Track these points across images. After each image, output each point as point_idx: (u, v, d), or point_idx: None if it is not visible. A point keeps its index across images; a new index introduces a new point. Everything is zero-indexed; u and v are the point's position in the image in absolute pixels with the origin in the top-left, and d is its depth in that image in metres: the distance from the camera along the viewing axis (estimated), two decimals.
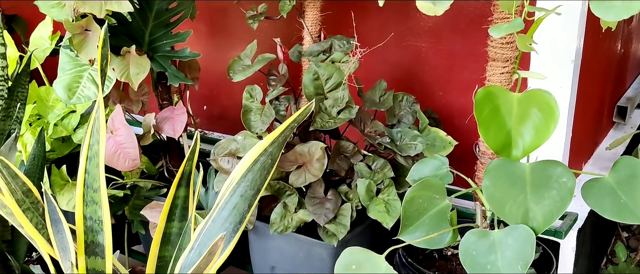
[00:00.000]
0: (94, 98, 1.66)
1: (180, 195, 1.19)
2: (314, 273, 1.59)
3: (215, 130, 2.52)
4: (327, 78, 1.52)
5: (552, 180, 1.20)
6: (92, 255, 1.05)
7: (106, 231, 1.03)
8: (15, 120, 1.43)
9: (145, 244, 1.99)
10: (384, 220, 1.44)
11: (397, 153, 1.52)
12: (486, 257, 1.21)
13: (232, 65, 1.58)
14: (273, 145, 1.09)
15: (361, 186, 1.46)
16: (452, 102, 1.95)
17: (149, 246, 1.22)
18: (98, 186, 1.02)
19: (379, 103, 1.63)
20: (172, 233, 1.20)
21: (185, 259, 1.10)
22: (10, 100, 1.40)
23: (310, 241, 1.56)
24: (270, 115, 1.44)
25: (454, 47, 1.93)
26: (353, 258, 1.25)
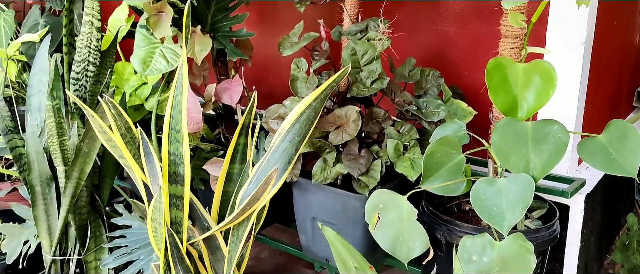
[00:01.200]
0: (164, 70, 1.95)
1: (241, 142, 1.47)
2: (350, 222, 1.85)
3: (263, 107, 2.80)
4: (363, 54, 1.77)
5: (550, 135, 1.42)
6: (174, 183, 1.34)
7: (185, 164, 1.32)
8: (104, 85, 1.73)
9: (202, 201, 2.28)
10: (409, 173, 1.69)
11: (423, 119, 1.76)
12: (493, 200, 1.45)
13: (282, 42, 1.85)
14: (316, 101, 1.36)
15: (390, 145, 1.71)
16: (476, 81, 2.18)
17: (206, 201, 1.50)
18: (180, 128, 1.31)
19: (408, 76, 1.87)
20: (234, 173, 1.48)
21: (245, 190, 1.38)
22: (100, 68, 1.70)
23: (346, 194, 1.82)
24: (314, 83, 1.71)
25: (479, 30, 2.16)
26: (380, 198, 1.51)
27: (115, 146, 1.29)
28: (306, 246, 2.04)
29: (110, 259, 1.64)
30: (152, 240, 1.33)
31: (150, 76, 2.20)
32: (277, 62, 2.70)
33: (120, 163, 1.88)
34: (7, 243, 1.90)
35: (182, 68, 1.28)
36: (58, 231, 1.68)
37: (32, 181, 1.66)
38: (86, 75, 1.67)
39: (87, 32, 1.60)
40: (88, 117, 1.28)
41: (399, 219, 1.49)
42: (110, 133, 1.27)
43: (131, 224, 1.73)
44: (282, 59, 2.68)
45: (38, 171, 1.65)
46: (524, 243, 1.40)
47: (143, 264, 1.62)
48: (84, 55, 1.63)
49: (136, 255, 1.64)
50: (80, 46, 1.62)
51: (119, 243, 1.69)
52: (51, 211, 1.70)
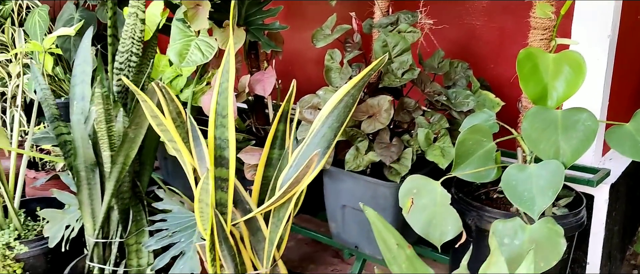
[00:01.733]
0: (200, 62, 2.02)
1: (280, 129, 1.53)
2: (380, 208, 1.90)
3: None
4: (394, 46, 1.83)
5: (579, 123, 1.47)
6: (219, 166, 1.41)
7: (231, 148, 1.38)
8: (146, 76, 1.80)
9: None
10: (440, 161, 1.75)
11: (452, 109, 1.82)
12: (523, 185, 1.50)
13: (315, 34, 1.92)
14: (354, 88, 1.42)
15: (421, 134, 1.77)
16: (502, 73, 2.23)
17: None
18: (226, 114, 1.37)
19: (437, 68, 1.93)
20: (273, 158, 1.54)
21: (285, 174, 1.44)
22: (142, 58, 1.77)
23: (376, 182, 1.88)
24: (348, 73, 1.77)
25: (505, 24, 2.21)
26: (414, 184, 1.57)
27: (166, 130, 1.36)
28: (336, 233, 2.10)
29: (153, 242, 1.71)
30: (198, 221, 1.40)
31: (185, 68, 2.27)
32: (302, 56, 2.77)
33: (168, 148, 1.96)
34: (49, 227, 1.98)
35: (229, 57, 1.35)
36: (101, 215, 1.75)
37: (78, 166, 1.73)
38: (129, 65, 1.74)
39: (132, 23, 1.67)
40: (141, 102, 1.35)
41: (432, 203, 1.54)
42: (162, 118, 1.34)
43: (171, 208, 1.80)
44: (307, 53, 2.75)
45: (83, 157, 1.73)
46: (554, 227, 1.45)
47: (184, 246, 1.69)
48: (127, 46, 1.70)
49: (177, 237, 1.71)
50: (125, 37, 1.70)
51: (160, 227, 1.76)
52: (95, 195, 1.77)
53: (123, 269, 1.82)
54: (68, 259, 2.23)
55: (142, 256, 1.83)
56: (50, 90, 1.83)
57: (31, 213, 2.28)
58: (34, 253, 2.08)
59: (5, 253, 2.03)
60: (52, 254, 2.14)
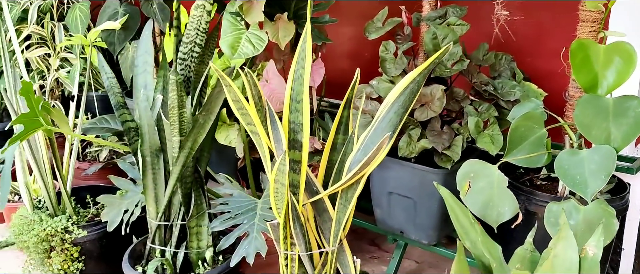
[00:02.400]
0: (251, 54, 2.10)
1: (344, 115, 1.61)
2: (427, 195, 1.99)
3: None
4: (443, 38, 1.91)
5: (630, 110, 1.55)
6: (293, 149, 1.49)
7: (304, 132, 1.46)
8: (208, 66, 1.88)
9: None
10: (490, 148, 1.83)
11: (500, 98, 1.90)
12: (576, 169, 1.58)
13: (367, 26, 2.00)
14: (420, 76, 1.49)
15: (471, 122, 1.85)
16: (539, 67, 2.30)
17: None
18: (301, 99, 1.45)
19: (482, 60, 2.01)
20: (338, 142, 1.62)
21: (353, 157, 1.52)
22: (205, 49, 1.85)
23: (425, 169, 1.96)
24: (403, 63, 1.85)
25: (542, 19, 2.29)
26: (471, 168, 1.65)
27: (246, 114, 1.44)
28: (381, 219, 2.18)
29: (217, 223, 1.79)
30: (272, 200, 1.48)
31: (233, 60, 2.35)
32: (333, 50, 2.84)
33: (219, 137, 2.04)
34: (108, 212, 2.06)
35: (306, 44, 1.43)
36: (165, 198, 1.83)
37: (144, 152, 1.81)
38: (192, 56, 1.82)
39: (198, 15, 1.75)
40: (225, 87, 1.43)
41: (489, 186, 1.62)
42: (244, 102, 1.42)
43: (231, 192, 1.88)
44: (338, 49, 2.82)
45: (149, 143, 1.81)
46: (607, 208, 1.53)
47: (247, 227, 1.77)
48: (191, 37, 1.78)
49: (240, 220, 1.79)
50: (190, 28, 1.77)
51: (222, 209, 1.84)
52: (158, 180, 1.85)
53: (184, 251, 1.90)
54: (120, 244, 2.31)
55: (202, 239, 1.91)
56: (116, 80, 1.90)
57: (79, 201, 2.36)
58: (90, 237, 2.15)
59: (64, 237, 2.11)
60: (106, 238, 2.22)
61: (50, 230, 2.09)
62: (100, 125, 2.51)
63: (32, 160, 2.20)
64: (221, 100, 1.70)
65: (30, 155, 2.20)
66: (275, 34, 2.15)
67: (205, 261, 1.92)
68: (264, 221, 1.78)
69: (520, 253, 1.39)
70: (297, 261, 1.57)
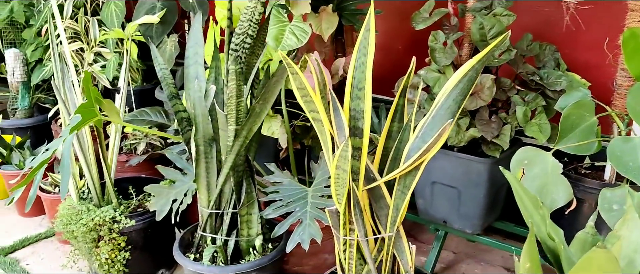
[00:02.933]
0: (295, 46, 2.13)
1: (400, 103, 1.63)
2: (472, 184, 2.01)
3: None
4: (490, 28, 1.93)
5: None
6: (353, 136, 1.51)
7: (366, 119, 1.49)
8: (259, 58, 1.91)
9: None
10: (538, 137, 1.85)
11: (546, 88, 1.92)
12: (629, 156, 1.60)
13: (414, 17, 2.02)
14: (479, 63, 1.51)
15: (519, 111, 1.87)
16: (576, 59, 2.32)
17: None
18: (362, 86, 1.48)
19: (527, 50, 2.03)
20: (393, 131, 1.64)
21: (411, 144, 1.54)
22: (256, 40, 1.88)
23: (470, 158, 1.98)
24: (453, 52, 1.87)
25: (580, 12, 2.30)
26: (525, 155, 1.67)
27: (310, 101, 1.46)
28: (423, 209, 2.21)
29: (270, 210, 1.82)
30: (333, 186, 1.50)
31: (274, 53, 2.38)
32: None
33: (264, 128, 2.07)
34: (156, 201, 2.09)
35: (368, 33, 1.45)
36: (218, 187, 1.86)
37: (198, 141, 1.84)
38: (243, 47, 1.85)
39: (252, 6, 1.77)
40: (291, 75, 1.45)
41: (543, 173, 1.65)
42: (309, 89, 1.44)
43: (282, 181, 1.91)
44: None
45: (202, 132, 1.84)
46: None
47: (299, 215, 1.79)
48: (244, 28, 1.81)
49: (292, 207, 1.82)
50: (242, 20, 1.80)
51: (273, 197, 1.87)
52: (211, 169, 1.88)
53: (234, 239, 1.93)
54: (164, 234, 2.34)
55: (252, 226, 1.94)
56: (169, 71, 1.93)
57: (120, 192, 2.39)
58: (136, 227, 2.19)
59: (112, 227, 2.14)
60: (152, 228, 2.25)
61: (98, 220, 2.12)
62: (140, 117, 2.54)
63: (79, 151, 2.24)
64: (278, 90, 1.73)
65: (77, 146, 2.24)
66: (318, 26, 2.18)
67: (254, 249, 1.94)
68: (316, 208, 1.80)
69: (581, 237, 1.41)
70: (355, 247, 1.59)
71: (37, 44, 3.26)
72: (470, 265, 2.47)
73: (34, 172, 1.72)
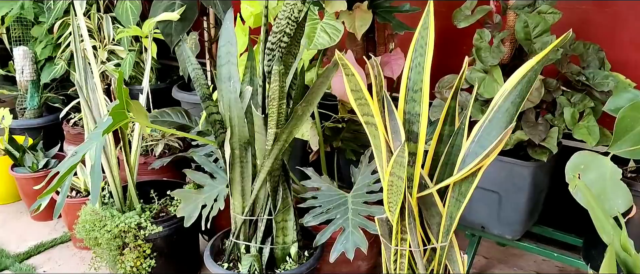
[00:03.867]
0: (327, 45, 2.05)
1: (452, 106, 1.55)
2: (515, 189, 1.93)
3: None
4: (534, 26, 1.85)
5: None
6: (408, 140, 1.43)
7: (422, 123, 1.41)
8: (296, 58, 1.83)
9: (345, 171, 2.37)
10: (588, 139, 1.78)
11: (593, 89, 1.85)
12: None
13: (456, 14, 1.94)
14: (538, 63, 1.44)
15: (567, 113, 1.80)
16: (615, 57, 2.25)
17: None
18: (418, 89, 1.40)
19: (570, 49, 1.95)
20: (445, 134, 1.56)
21: (467, 149, 1.46)
22: (292, 39, 1.79)
23: (513, 162, 1.91)
24: (500, 51, 1.80)
25: (618, 9, 2.23)
26: (582, 159, 1.60)
27: (364, 104, 1.38)
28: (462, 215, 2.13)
29: (310, 218, 1.74)
30: (386, 193, 1.43)
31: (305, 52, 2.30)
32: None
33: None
34: (183, 207, 2.00)
35: (426, 31, 1.37)
36: (254, 192, 1.78)
37: (233, 144, 1.75)
38: (280, 46, 1.76)
39: (292, 3, 1.68)
40: (345, 76, 1.37)
41: (600, 178, 1.57)
42: (364, 92, 1.36)
43: (320, 186, 1.83)
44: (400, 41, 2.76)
45: (238, 135, 1.75)
46: None
47: (341, 222, 1.71)
48: (281, 26, 1.72)
49: (333, 214, 1.74)
50: (281, 17, 1.71)
51: (312, 204, 1.79)
52: (246, 173, 1.79)
53: (269, 247, 1.85)
54: (189, 241, 2.26)
55: (288, 234, 1.85)
56: (201, 70, 1.85)
57: (141, 196, 2.30)
58: (162, 233, 2.10)
59: (137, 234, 2.05)
60: (177, 234, 2.16)
61: (124, 226, 2.03)
62: (161, 118, 2.46)
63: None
64: (322, 92, 1.64)
65: None
66: (351, 24, 2.10)
67: (289, 257, 1.86)
68: (359, 215, 1.72)
69: None
70: (407, 257, 1.51)
71: (47, 41, 3.16)
72: (503, 270, 2.40)
73: (64, 177, 1.63)
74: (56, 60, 3.14)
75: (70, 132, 3.06)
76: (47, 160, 2.74)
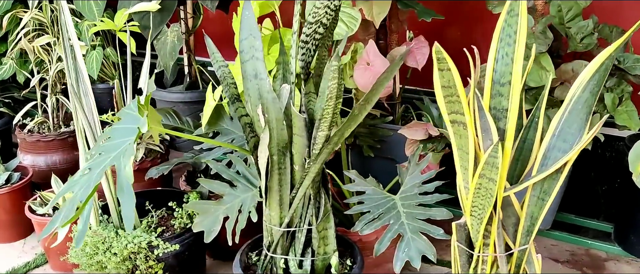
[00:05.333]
0: (345, 35, 1.90)
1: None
2: None
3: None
4: (567, 11, 1.79)
5: None
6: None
7: (510, 118, 1.30)
8: (325, 49, 1.66)
9: (361, 170, 2.23)
10: (630, 124, 1.75)
11: (627, 73, 1.82)
12: None
13: (488, 1, 1.85)
14: (615, 50, 1.37)
15: (608, 99, 1.76)
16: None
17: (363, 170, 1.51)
18: (506, 81, 1.29)
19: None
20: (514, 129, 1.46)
21: (547, 144, 1.37)
22: (325, 31, 1.63)
23: None
24: (548, 39, 1.72)
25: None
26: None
27: (455, 101, 1.25)
28: None
29: (362, 225, 1.60)
30: (471, 196, 1.31)
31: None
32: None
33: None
34: (201, 221, 1.79)
35: (516, 18, 1.25)
36: (296, 201, 1.61)
37: (271, 149, 1.57)
38: (314, 38, 1.60)
39: None
40: (439, 71, 1.23)
41: None
42: (459, 88, 1.23)
43: (365, 190, 1.69)
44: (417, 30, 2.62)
45: (276, 139, 1.57)
46: None
47: (397, 228, 1.59)
48: (319, 16, 1.55)
49: (385, 220, 1.60)
50: (319, 6, 1.54)
51: (360, 209, 1.65)
52: (284, 181, 1.62)
53: (310, 259, 1.69)
54: (198, 257, 2.06)
55: (329, 243, 1.70)
56: (228, 68, 1.64)
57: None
58: (174, 251, 1.88)
59: (149, 254, 1.82)
60: (188, 251, 1.95)
61: (133, 247, 1.80)
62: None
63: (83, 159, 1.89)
64: (383, 88, 1.49)
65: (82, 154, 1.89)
66: (369, 11, 1.96)
67: (330, 268, 1.72)
68: (415, 219, 1.60)
69: None
70: (489, 264, 1.41)
71: None
72: None
73: (85, 205, 1.39)
74: (4, 60, 2.77)
75: (26, 140, 2.72)
76: (9, 174, 2.40)
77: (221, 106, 2.08)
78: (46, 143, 2.70)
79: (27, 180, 2.42)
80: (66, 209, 1.45)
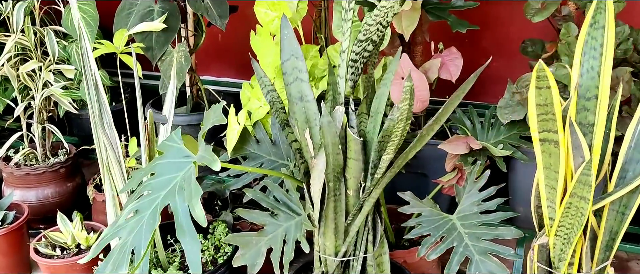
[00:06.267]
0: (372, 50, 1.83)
1: None
2: None
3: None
4: None
5: None
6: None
7: (597, 134, 1.26)
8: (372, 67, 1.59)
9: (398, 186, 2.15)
10: None
11: None
12: None
13: (526, 8, 1.81)
14: None
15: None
16: None
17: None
18: (591, 96, 1.24)
19: None
20: None
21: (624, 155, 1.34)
22: (374, 48, 1.56)
23: None
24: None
25: None
26: None
27: (550, 119, 1.19)
28: (524, 217, 2.02)
29: (424, 250, 1.52)
30: (558, 216, 1.26)
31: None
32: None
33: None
34: (243, 254, 1.68)
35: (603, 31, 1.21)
36: (354, 229, 1.52)
37: (328, 176, 1.48)
38: (363, 55, 1.52)
39: (388, 6, 1.44)
40: (537, 89, 1.16)
41: None
42: (556, 107, 1.17)
43: (421, 211, 1.62)
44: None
45: (332, 165, 1.48)
46: None
47: (462, 250, 1.52)
48: (370, 33, 1.48)
49: (450, 243, 1.54)
50: (370, 23, 1.46)
51: (420, 233, 1.57)
52: (339, 208, 1.53)
53: None
54: None
55: (384, 269, 1.62)
56: (277, 93, 1.54)
57: None
58: None
59: None
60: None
61: None
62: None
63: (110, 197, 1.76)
64: (454, 107, 1.42)
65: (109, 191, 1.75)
66: (399, 24, 1.90)
67: None
68: (480, 239, 1.54)
69: None
70: None
71: None
72: None
73: (145, 254, 1.26)
74: None
75: (14, 174, 2.51)
76: (4, 214, 2.21)
77: (246, 129, 1.97)
78: (37, 176, 2.50)
79: (23, 219, 2.23)
80: (117, 257, 1.32)
